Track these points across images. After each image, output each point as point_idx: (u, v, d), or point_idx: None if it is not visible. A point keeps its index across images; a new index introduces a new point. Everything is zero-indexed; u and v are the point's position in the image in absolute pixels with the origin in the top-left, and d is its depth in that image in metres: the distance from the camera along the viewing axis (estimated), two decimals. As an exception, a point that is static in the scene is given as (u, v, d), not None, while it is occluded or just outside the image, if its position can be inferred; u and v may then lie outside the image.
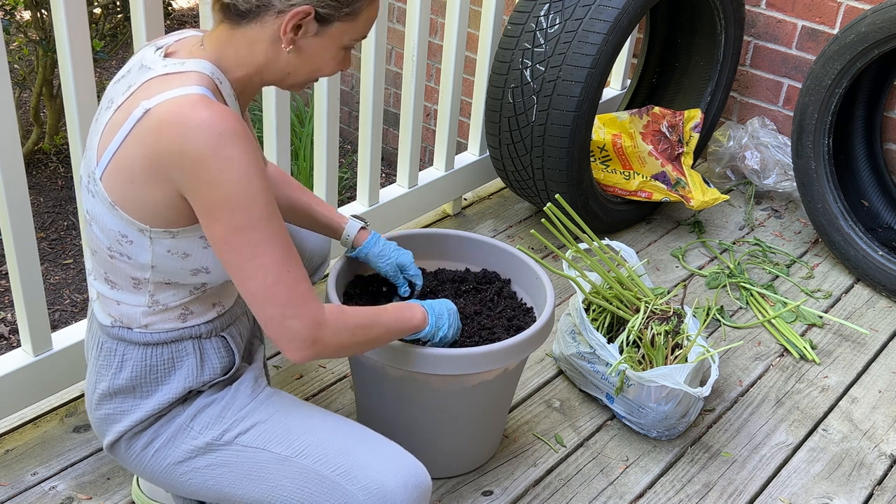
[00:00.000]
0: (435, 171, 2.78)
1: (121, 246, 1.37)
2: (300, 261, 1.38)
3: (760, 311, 2.53)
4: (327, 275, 1.95)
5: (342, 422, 1.50)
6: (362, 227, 1.81)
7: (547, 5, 2.49)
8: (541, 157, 2.54)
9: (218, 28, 1.37)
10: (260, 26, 1.33)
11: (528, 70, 2.49)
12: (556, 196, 2.07)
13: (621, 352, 2.01)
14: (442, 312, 1.67)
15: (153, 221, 1.34)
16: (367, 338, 1.50)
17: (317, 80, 1.44)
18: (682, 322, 2.05)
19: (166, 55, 1.37)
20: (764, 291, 2.58)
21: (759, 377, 2.30)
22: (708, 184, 2.86)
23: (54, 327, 2.65)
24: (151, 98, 1.29)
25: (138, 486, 1.79)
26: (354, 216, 1.82)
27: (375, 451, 1.45)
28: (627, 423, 2.08)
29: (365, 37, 1.42)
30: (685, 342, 2.02)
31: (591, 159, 2.78)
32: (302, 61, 1.38)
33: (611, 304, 2.08)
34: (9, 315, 3.07)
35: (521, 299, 1.94)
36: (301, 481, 1.44)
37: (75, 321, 2.80)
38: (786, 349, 2.40)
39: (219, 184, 1.27)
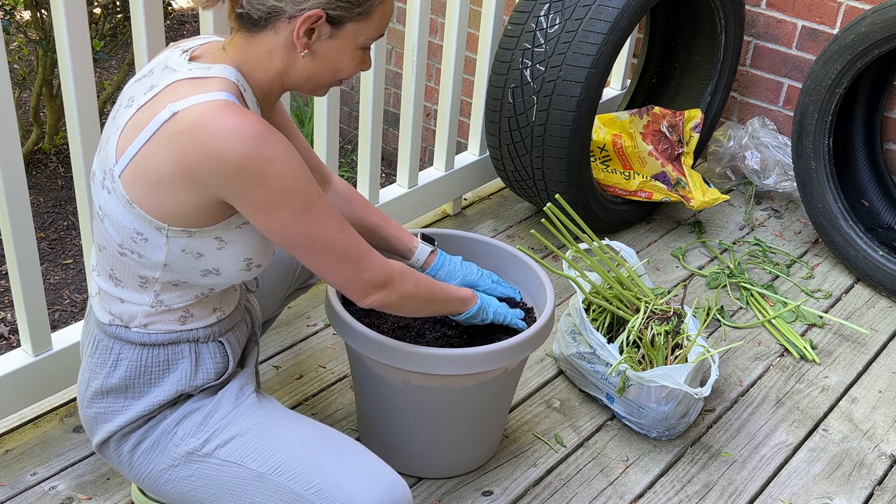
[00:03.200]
0: (435, 171, 2.78)
1: (134, 243, 1.37)
2: (349, 226, 1.45)
3: (760, 311, 2.53)
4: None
5: (322, 435, 1.49)
6: (431, 251, 1.80)
7: (547, 5, 2.49)
8: (541, 157, 2.54)
9: (236, 36, 1.38)
10: (274, 33, 1.34)
11: (528, 70, 2.49)
12: (556, 196, 2.07)
13: (621, 352, 2.01)
14: (491, 303, 1.75)
15: (173, 221, 1.35)
16: (427, 291, 1.60)
17: (341, 82, 1.45)
18: (682, 322, 2.05)
19: (191, 59, 1.38)
20: (764, 291, 2.58)
21: (759, 377, 2.30)
22: (708, 184, 2.86)
23: (54, 327, 2.65)
24: (179, 101, 1.30)
25: (139, 485, 1.79)
26: (424, 238, 1.84)
27: (353, 467, 1.44)
28: (627, 423, 2.08)
29: (382, 35, 1.42)
30: (685, 342, 2.02)
31: (591, 159, 2.78)
32: (320, 65, 1.39)
33: (611, 304, 2.08)
34: (9, 315, 3.07)
35: (521, 299, 1.94)
36: (276, 499, 1.44)
37: (75, 321, 2.80)
38: (786, 349, 2.40)
39: (267, 181, 1.30)
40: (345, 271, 1.44)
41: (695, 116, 2.89)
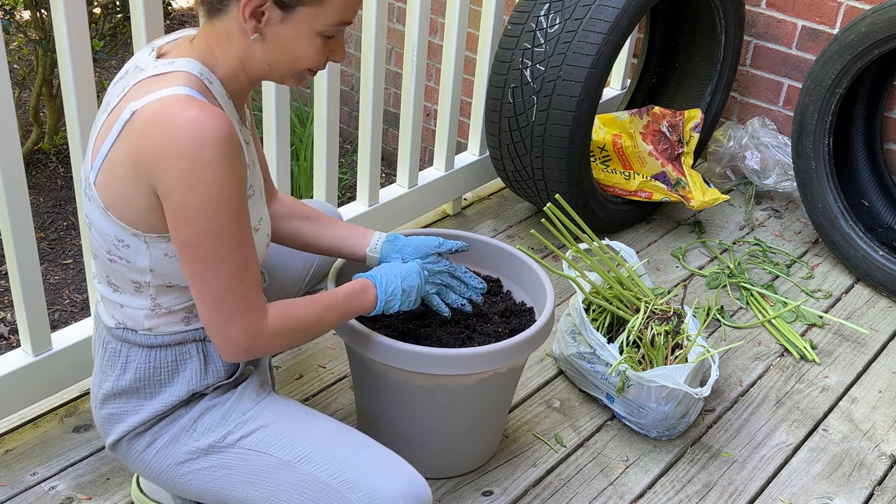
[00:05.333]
0: (435, 171, 2.78)
1: (118, 250, 1.37)
2: (257, 267, 1.37)
3: (760, 311, 2.53)
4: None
5: (345, 430, 1.50)
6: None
7: (547, 5, 2.49)
8: (541, 157, 2.54)
9: (203, 26, 1.37)
10: (227, 17, 1.32)
11: (528, 70, 2.49)
12: (556, 196, 2.07)
13: (621, 352, 2.00)
14: (396, 291, 1.60)
15: (144, 226, 1.34)
16: (306, 337, 1.50)
17: (307, 73, 1.39)
18: (682, 322, 2.05)
19: (158, 56, 1.37)
20: (764, 291, 2.58)
21: (760, 377, 2.30)
22: (708, 184, 2.86)
23: (54, 327, 2.65)
24: (139, 100, 1.29)
25: (138, 486, 1.79)
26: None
27: (377, 460, 1.45)
28: (627, 423, 2.08)
29: (346, 23, 1.36)
30: (685, 342, 2.02)
31: (591, 159, 2.78)
32: (276, 52, 1.34)
33: (611, 304, 2.08)
34: (9, 315, 3.07)
35: (521, 299, 1.94)
36: (301, 487, 1.44)
37: (75, 321, 2.80)
38: (786, 349, 2.40)
39: (193, 187, 1.26)
40: (214, 314, 1.36)
41: (695, 116, 2.89)
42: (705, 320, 2.42)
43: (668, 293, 2.24)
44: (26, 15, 3.84)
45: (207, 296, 1.35)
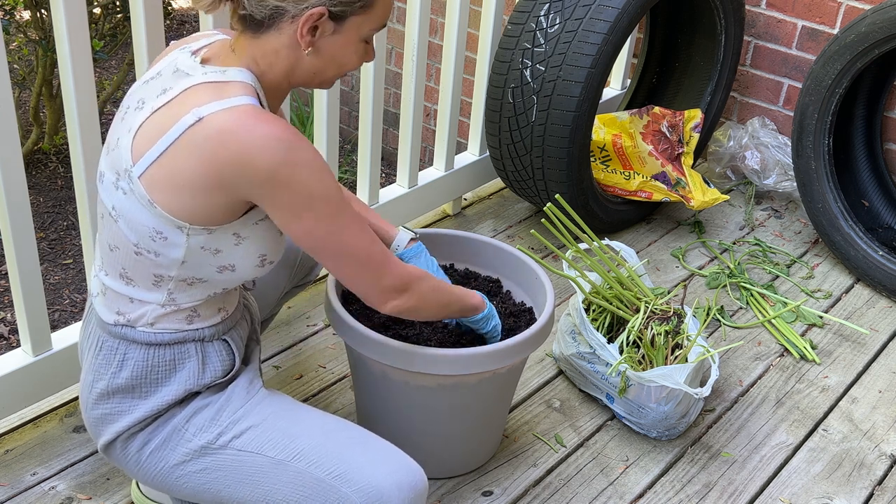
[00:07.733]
0: (435, 171, 2.78)
1: (153, 242, 1.38)
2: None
3: (760, 311, 2.53)
4: (327, 275, 1.94)
5: (337, 423, 1.50)
6: (412, 239, 1.81)
7: (547, 5, 2.49)
8: (541, 157, 2.54)
9: (241, 37, 1.39)
10: (278, 33, 1.35)
11: (528, 70, 2.49)
12: (556, 196, 2.07)
13: (621, 352, 2.01)
14: (494, 314, 1.76)
15: (196, 220, 1.36)
16: (443, 295, 1.61)
17: (345, 74, 1.46)
18: (682, 322, 2.05)
19: (202, 61, 1.39)
20: (764, 291, 2.58)
21: (760, 377, 2.30)
22: (708, 184, 2.86)
23: (54, 327, 2.65)
24: (203, 106, 1.31)
25: (138, 486, 1.79)
26: (405, 227, 1.84)
27: (371, 452, 1.46)
28: (627, 423, 2.08)
29: (384, 26, 1.43)
30: (685, 342, 2.02)
31: (591, 159, 2.78)
32: (325, 61, 1.40)
33: (611, 304, 2.08)
34: (9, 315, 3.07)
35: (521, 299, 1.94)
36: (296, 485, 1.44)
37: (75, 321, 2.80)
38: (786, 349, 2.40)
39: (296, 186, 1.33)
40: (366, 276, 1.46)
41: (695, 116, 2.89)
42: (705, 320, 2.42)
43: (668, 293, 2.24)
44: (26, 15, 3.84)
45: (352, 268, 1.44)
